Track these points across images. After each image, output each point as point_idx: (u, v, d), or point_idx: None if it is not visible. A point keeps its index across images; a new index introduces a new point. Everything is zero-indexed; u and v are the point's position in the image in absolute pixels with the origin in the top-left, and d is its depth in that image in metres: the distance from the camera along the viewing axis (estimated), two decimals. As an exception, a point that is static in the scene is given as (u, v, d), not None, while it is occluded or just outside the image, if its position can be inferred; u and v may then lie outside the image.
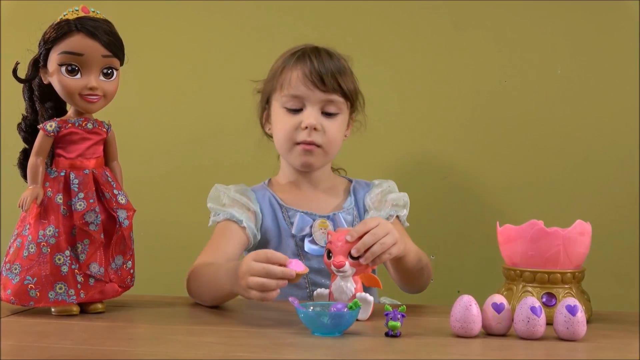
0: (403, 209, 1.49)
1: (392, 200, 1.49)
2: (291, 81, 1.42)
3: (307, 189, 1.50)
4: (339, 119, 1.45)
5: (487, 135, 1.80)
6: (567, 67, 1.77)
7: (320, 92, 1.41)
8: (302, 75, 1.41)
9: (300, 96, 1.42)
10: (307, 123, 1.41)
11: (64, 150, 1.25)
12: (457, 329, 1.12)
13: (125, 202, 1.27)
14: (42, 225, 1.22)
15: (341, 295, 1.20)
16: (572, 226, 1.26)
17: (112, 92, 1.26)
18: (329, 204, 1.49)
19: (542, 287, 1.25)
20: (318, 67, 1.41)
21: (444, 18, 1.80)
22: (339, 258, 1.20)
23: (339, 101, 1.44)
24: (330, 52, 1.46)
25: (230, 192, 1.46)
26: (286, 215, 1.46)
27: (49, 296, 1.22)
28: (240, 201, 1.45)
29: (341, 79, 1.42)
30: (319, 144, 1.42)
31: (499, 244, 1.31)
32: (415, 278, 1.43)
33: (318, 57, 1.42)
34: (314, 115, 1.41)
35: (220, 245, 1.41)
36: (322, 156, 1.45)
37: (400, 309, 1.11)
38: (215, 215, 1.45)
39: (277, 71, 1.46)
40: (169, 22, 1.88)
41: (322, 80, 1.40)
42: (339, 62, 1.45)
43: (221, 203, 1.45)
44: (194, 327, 1.16)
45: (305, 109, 1.42)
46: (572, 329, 1.10)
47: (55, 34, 1.22)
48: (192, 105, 1.88)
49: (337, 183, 1.54)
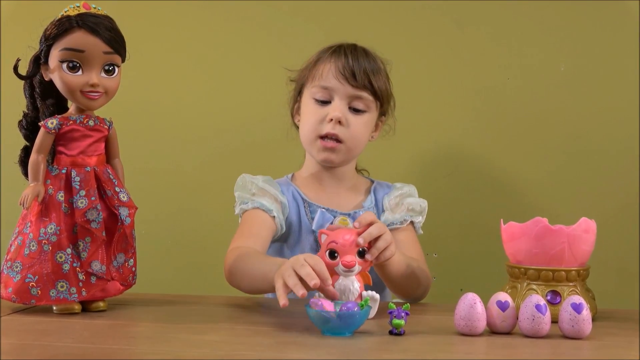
0: (419, 216, 1.48)
1: (409, 205, 1.47)
2: (323, 73, 1.43)
3: (330, 186, 1.50)
4: (365, 116, 1.44)
5: (491, 133, 1.79)
6: (570, 63, 1.76)
7: (350, 86, 1.41)
8: (335, 68, 1.42)
9: (330, 88, 1.42)
10: (333, 115, 1.41)
11: (65, 147, 1.24)
12: (461, 327, 1.11)
13: (127, 200, 1.26)
14: (43, 223, 1.22)
15: (348, 295, 1.17)
16: (577, 224, 1.25)
17: (113, 89, 1.25)
18: (350, 202, 1.49)
19: (546, 285, 1.24)
20: (352, 62, 1.41)
21: (447, 16, 1.79)
22: (350, 257, 1.16)
23: (368, 99, 1.43)
24: (367, 51, 1.47)
25: (258, 181, 1.45)
26: (308, 211, 1.46)
27: (51, 294, 1.21)
28: (269, 191, 1.44)
29: (373, 78, 1.42)
30: (342, 138, 1.42)
31: (502, 242, 1.31)
32: (402, 287, 1.38)
33: (353, 53, 1.43)
34: (340, 108, 1.41)
35: (253, 229, 1.40)
36: (343, 153, 1.44)
37: (405, 307, 1.10)
38: (243, 203, 1.44)
39: (312, 62, 1.46)
40: (171, 17, 1.87)
41: (353, 74, 1.41)
42: (375, 62, 1.45)
43: (250, 192, 1.44)
44: (196, 326, 1.15)
45: (333, 101, 1.42)
46: (577, 327, 1.09)
47: (57, 31, 1.21)
48: (194, 101, 1.87)
49: (359, 182, 1.54)
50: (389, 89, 1.48)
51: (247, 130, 1.83)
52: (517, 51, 1.78)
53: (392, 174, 1.79)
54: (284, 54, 1.65)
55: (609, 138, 1.75)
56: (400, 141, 1.76)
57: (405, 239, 1.45)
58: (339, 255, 1.17)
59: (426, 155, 1.81)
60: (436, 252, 1.78)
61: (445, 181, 1.80)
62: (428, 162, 1.81)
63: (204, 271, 1.82)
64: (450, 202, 1.80)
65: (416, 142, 1.81)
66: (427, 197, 1.69)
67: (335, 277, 1.18)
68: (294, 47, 1.68)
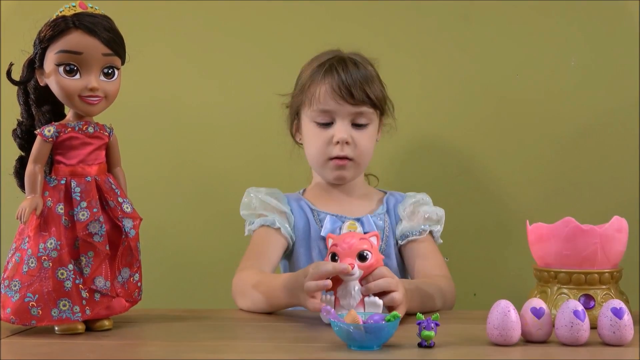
0: (437, 224, 1.47)
1: (425, 213, 1.46)
2: (320, 96, 1.42)
3: (340, 197, 1.51)
4: (369, 129, 1.45)
5: (501, 131, 1.75)
6: (581, 59, 1.72)
7: (350, 105, 1.42)
8: (331, 90, 1.41)
9: (330, 111, 1.42)
10: (339, 138, 1.41)
11: (63, 156, 1.17)
12: (495, 337, 1.04)
13: (130, 211, 1.19)
14: (42, 237, 1.14)
15: (349, 300, 1.15)
16: (608, 223, 1.19)
17: (113, 93, 1.18)
18: (361, 209, 1.49)
19: (578, 288, 1.18)
20: (346, 79, 1.41)
21: (454, 12, 1.75)
22: (348, 261, 1.15)
23: (369, 112, 1.44)
24: (356, 60, 1.45)
25: (260, 194, 1.46)
26: (317, 218, 1.46)
27: (52, 314, 1.13)
28: (270, 203, 1.45)
29: (369, 89, 1.42)
30: (351, 157, 1.43)
31: (529, 244, 1.24)
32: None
33: (345, 69, 1.42)
34: (344, 129, 1.42)
35: (262, 251, 1.41)
36: (354, 168, 1.46)
37: (434, 317, 1.04)
38: (250, 224, 1.46)
39: (305, 86, 1.46)
40: (172, 17, 1.79)
41: (350, 93, 1.41)
42: (366, 71, 1.44)
43: (252, 208, 1.45)
44: (210, 344, 1.08)
45: (335, 123, 1.43)
46: (618, 334, 1.03)
47: (52, 32, 1.13)
48: (199, 107, 1.80)
49: (370, 192, 1.54)
50: (384, 93, 1.47)
51: (254, 139, 1.78)
52: (526, 47, 1.74)
53: (401, 175, 1.75)
54: (292, 60, 1.59)
55: (626, 135, 1.71)
56: (408, 140, 1.72)
57: (426, 250, 1.44)
58: (339, 259, 1.16)
59: (435, 155, 1.77)
60: (447, 256, 1.72)
61: (455, 182, 1.76)
62: (437, 162, 1.77)
63: (212, 283, 1.75)
64: (461, 204, 1.76)
65: (424, 141, 1.77)
66: (437, 198, 1.65)
67: (340, 282, 1.16)
68: (300, 51, 1.61)
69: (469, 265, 1.74)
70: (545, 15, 1.73)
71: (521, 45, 1.74)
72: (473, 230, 1.75)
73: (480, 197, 1.75)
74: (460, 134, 1.76)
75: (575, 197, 1.72)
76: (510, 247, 1.73)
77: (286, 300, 1.24)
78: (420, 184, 1.73)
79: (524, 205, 1.73)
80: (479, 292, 1.75)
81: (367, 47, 1.52)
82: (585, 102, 1.73)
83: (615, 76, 1.72)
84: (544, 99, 1.74)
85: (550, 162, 1.74)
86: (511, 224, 1.72)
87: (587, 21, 1.73)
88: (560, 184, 1.73)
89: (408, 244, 1.45)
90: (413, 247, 1.45)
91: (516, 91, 1.74)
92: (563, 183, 1.73)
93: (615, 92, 1.72)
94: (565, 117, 1.73)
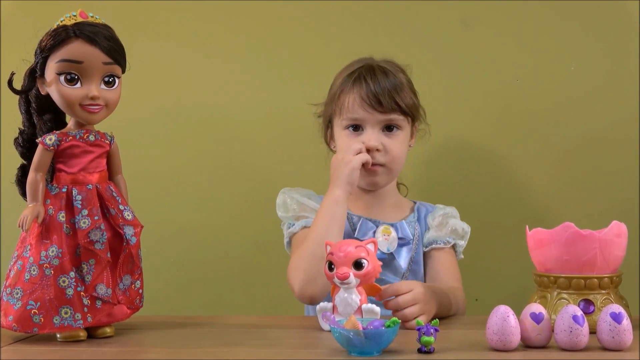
0: (461, 240, 1.50)
1: (453, 226, 1.49)
2: (349, 105, 1.44)
3: (373, 202, 1.51)
4: (400, 135, 1.46)
5: (502, 135, 1.75)
6: (580, 63, 1.72)
7: (379, 113, 1.43)
8: (359, 99, 1.43)
9: (360, 119, 1.44)
10: (369, 145, 1.42)
11: (65, 164, 1.17)
12: (494, 342, 1.05)
13: (132, 218, 1.19)
14: (44, 245, 1.14)
15: (346, 307, 1.15)
16: (608, 228, 1.19)
17: (114, 102, 1.19)
18: (393, 215, 1.50)
19: (578, 293, 1.18)
20: (374, 88, 1.42)
21: (454, 16, 1.75)
22: (343, 269, 1.14)
23: (399, 118, 1.45)
24: (385, 68, 1.46)
25: (297, 195, 1.47)
26: (351, 222, 1.47)
27: (54, 322, 1.14)
28: (309, 205, 1.46)
29: (398, 97, 1.43)
30: (382, 163, 1.44)
31: (529, 249, 1.25)
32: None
33: (373, 78, 1.43)
34: (374, 137, 1.43)
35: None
36: (386, 174, 1.46)
37: (434, 323, 1.04)
38: (290, 226, 1.46)
39: (335, 95, 1.47)
40: (173, 25, 1.80)
41: (379, 102, 1.42)
42: (395, 79, 1.45)
43: (290, 209, 1.46)
44: (212, 350, 1.09)
45: (365, 130, 1.44)
46: (618, 338, 1.04)
47: (53, 41, 1.14)
48: (199, 113, 1.80)
49: (402, 201, 1.56)
50: (415, 101, 1.48)
51: (256, 143, 1.78)
52: (526, 51, 1.74)
53: (404, 179, 1.74)
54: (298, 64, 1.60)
55: (627, 138, 1.71)
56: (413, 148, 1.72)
57: (446, 261, 1.47)
58: (335, 267, 1.15)
59: (436, 160, 1.77)
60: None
61: (456, 186, 1.76)
62: (439, 166, 1.77)
63: (213, 290, 1.75)
64: (462, 208, 1.74)
65: (425, 145, 1.75)
66: (439, 202, 1.65)
67: (337, 289, 1.16)
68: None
69: (469, 270, 1.74)
70: (545, 19, 1.73)
71: (521, 50, 1.74)
72: (475, 235, 1.74)
73: (480, 201, 1.75)
74: (461, 140, 1.76)
75: (576, 202, 1.72)
76: (513, 252, 1.73)
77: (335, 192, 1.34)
78: (421, 190, 1.74)
79: (526, 208, 1.73)
80: (481, 297, 1.75)
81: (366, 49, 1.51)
82: (585, 107, 1.73)
83: (616, 79, 1.72)
84: (545, 103, 1.74)
85: (551, 167, 1.73)
86: (512, 228, 1.72)
87: (588, 24, 1.73)
88: (562, 188, 1.73)
89: (431, 252, 1.47)
90: (434, 255, 1.47)
91: (516, 96, 1.74)
92: (564, 187, 1.73)
93: (615, 97, 1.72)
94: (566, 122, 1.73)
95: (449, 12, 1.75)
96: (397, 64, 1.50)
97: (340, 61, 1.52)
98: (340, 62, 1.51)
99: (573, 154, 1.73)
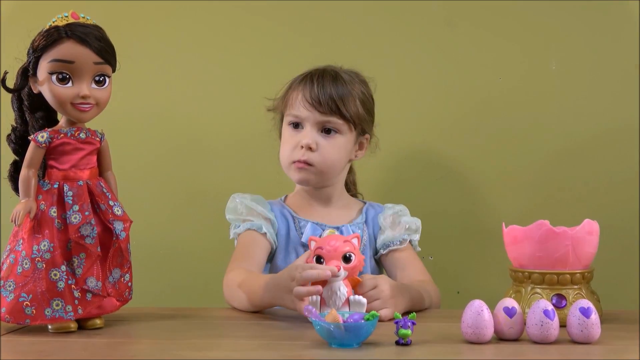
0: (415, 234, 1.54)
1: (406, 224, 1.53)
2: (294, 102, 1.49)
3: (320, 205, 1.55)
4: (338, 138, 1.49)
5: (483, 134, 1.78)
6: (563, 62, 1.75)
7: (318, 112, 1.47)
8: (302, 97, 1.47)
9: (300, 116, 1.48)
10: (303, 142, 1.47)
11: (56, 161, 1.21)
12: (468, 335, 1.09)
13: (121, 214, 1.23)
14: (36, 240, 1.18)
15: (335, 300, 1.18)
16: (580, 225, 1.24)
17: (104, 100, 1.22)
18: (340, 219, 1.54)
19: (551, 288, 1.23)
20: (317, 90, 1.47)
21: (437, 16, 1.78)
22: (334, 263, 1.19)
23: (338, 122, 1.48)
24: (337, 75, 1.50)
25: (246, 200, 1.51)
26: (297, 225, 1.51)
27: (46, 313, 1.17)
28: (256, 210, 1.50)
29: (341, 103, 1.47)
30: (312, 162, 1.47)
31: (505, 245, 1.29)
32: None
33: (320, 81, 1.47)
34: (310, 135, 1.47)
35: (249, 253, 1.46)
36: (317, 175, 1.49)
37: (411, 317, 1.08)
38: (235, 227, 1.50)
39: (286, 92, 1.52)
40: (163, 25, 1.83)
41: (319, 102, 1.46)
42: (344, 86, 1.48)
43: (239, 213, 1.50)
44: (198, 341, 1.13)
45: (304, 128, 1.48)
46: (586, 332, 1.08)
47: (45, 42, 1.17)
48: (186, 110, 1.83)
49: (350, 203, 1.59)
50: (361, 112, 1.50)
51: (242, 144, 1.81)
52: (508, 51, 1.77)
53: (384, 175, 1.77)
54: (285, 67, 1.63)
55: (606, 137, 1.74)
56: (392, 143, 1.75)
57: (407, 259, 1.51)
58: (324, 261, 1.19)
59: (418, 158, 1.80)
60: (431, 255, 1.76)
61: (438, 184, 1.79)
62: (421, 164, 1.80)
63: (200, 282, 1.79)
64: (444, 205, 1.79)
65: (408, 143, 1.79)
66: (421, 199, 1.69)
67: (324, 283, 1.19)
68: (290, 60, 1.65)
69: (451, 264, 1.78)
70: (532, 16, 1.76)
71: (504, 48, 1.76)
72: (456, 231, 1.78)
73: (462, 198, 1.78)
74: (442, 138, 1.78)
75: (552, 200, 1.75)
76: (492, 248, 1.77)
77: (267, 301, 1.28)
78: (404, 187, 1.78)
79: (506, 205, 1.76)
80: (462, 290, 1.79)
81: (348, 49, 1.54)
82: (567, 107, 1.75)
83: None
84: (526, 102, 1.76)
85: (535, 163, 1.76)
86: (492, 225, 1.76)
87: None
88: (546, 184, 1.76)
89: (390, 254, 1.51)
90: (395, 256, 1.51)
91: (499, 94, 1.77)
92: (549, 183, 1.76)
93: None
94: (545, 122, 1.76)
95: (431, 13, 1.77)
96: (360, 76, 1.53)
97: (295, 71, 1.55)
98: (295, 72, 1.55)
99: (554, 153, 1.76)
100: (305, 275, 1.16)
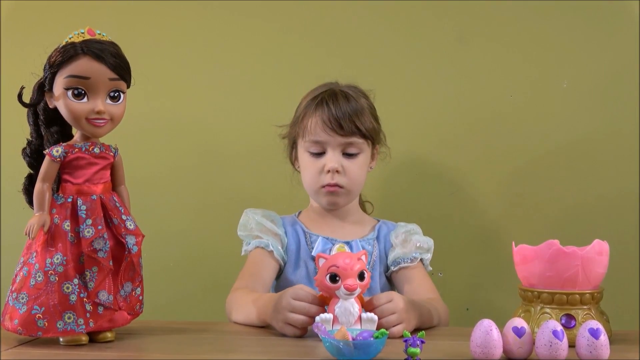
0: (427, 253, 1.54)
1: (417, 242, 1.54)
2: (312, 128, 1.50)
3: (334, 221, 1.57)
4: (360, 158, 1.52)
5: (496, 151, 1.78)
6: (573, 80, 1.76)
7: (340, 136, 1.49)
8: (321, 122, 1.49)
9: (321, 142, 1.50)
10: (329, 167, 1.49)
11: (70, 175, 1.22)
12: (478, 354, 1.09)
13: (134, 228, 1.24)
14: (49, 253, 1.19)
15: (348, 317, 1.19)
16: (590, 246, 1.24)
17: (119, 116, 1.24)
18: (352, 234, 1.55)
19: (560, 308, 1.23)
20: (335, 112, 1.48)
21: (449, 33, 1.79)
22: (352, 281, 1.19)
23: (359, 142, 1.50)
24: (347, 93, 1.52)
25: (257, 216, 1.53)
26: (309, 240, 1.53)
27: (58, 326, 1.19)
28: (266, 225, 1.51)
29: (358, 121, 1.49)
30: (342, 185, 1.50)
31: (515, 265, 1.29)
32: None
33: (335, 102, 1.49)
34: (335, 159, 1.49)
35: (255, 271, 1.49)
36: (345, 195, 1.52)
37: (420, 335, 1.09)
38: (246, 244, 1.53)
39: (299, 118, 1.54)
40: (176, 42, 1.85)
41: (340, 125, 1.48)
42: (356, 103, 1.51)
43: (249, 229, 1.52)
44: (209, 356, 1.13)
45: (327, 152, 1.50)
46: (595, 353, 1.08)
47: (61, 58, 1.19)
48: (199, 125, 1.85)
49: (364, 219, 1.61)
50: (375, 125, 1.53)
51: (258, 161, 1.82)
52: (520, 67, 1.77)
53: (393, 191, 1.78)
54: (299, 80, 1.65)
55: (620, 158, 1.74)
56: (403, 158, 1.76)
57: (417, 277, 1.52)
58: (340, 279, 1.19)
59: (429, 174, 1.81)
60: (441, 271, 1.77)
61: (449, 200, 1.80)
62: (432, 180, 1.80)
63: (211, 297, 1.78)
64: (455, 221, 1.79)
65: (419, 160, 1.80)
66: (432, 215, 1.69)
67: (335, 300, 1.20)
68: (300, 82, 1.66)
69: (461, 280, 1.79)
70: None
71: (515, 65, 1.77)
72: (466, 248, 1.79)
73: (473, 214, 1.78)
74: (453, 154, 1.79)
75: (563, 220, 1.75)
76: (502, 265, 1.77)
77: (262, 323, 1.33)
78: (414, 203, 1.78)
79: (518, 223, 1.77)
80: (472, 308, 1.79)
81: (357, 71, 1.56)
82: (577, 125, 1.76)
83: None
84: (538, 118, 1.77)
85: (546, 180, 1.77)
86: (502, 242, 1.77)
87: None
88: (559, 202, 1.76)
89: (400, 271, 1.52)
90: (405, 274, 1.52)
91: (510, 111, 1.78)
92: (561, 202, 1.76)
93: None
94: (557, 139, 1.76)
95: (441, 30, 1.79)
96: (360, 89, 1.55)
97: (308, 84, 1.58)
98: (308, 86, 1.57)
99: (585, 173, 1.77)
100: (299, 309, 1.23)
